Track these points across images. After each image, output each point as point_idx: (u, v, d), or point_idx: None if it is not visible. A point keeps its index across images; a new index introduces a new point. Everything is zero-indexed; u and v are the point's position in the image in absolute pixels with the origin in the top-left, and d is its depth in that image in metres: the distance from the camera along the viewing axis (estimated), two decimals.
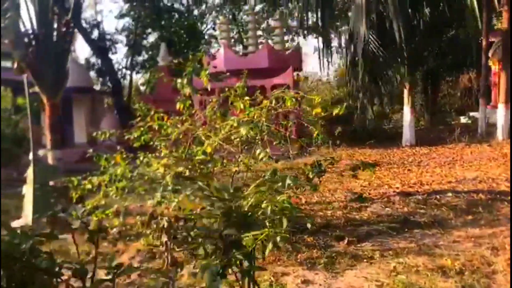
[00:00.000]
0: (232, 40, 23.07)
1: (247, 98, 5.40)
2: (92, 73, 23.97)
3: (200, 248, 2.92)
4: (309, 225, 5.67)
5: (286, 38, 24.43)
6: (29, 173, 8.06)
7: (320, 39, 28.53)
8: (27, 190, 7.93)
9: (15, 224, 7.50)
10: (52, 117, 8.49)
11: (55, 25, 8.86)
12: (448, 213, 6.95)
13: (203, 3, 26.80)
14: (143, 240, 5.68)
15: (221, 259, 2.78)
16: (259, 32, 20.96)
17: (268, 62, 17.43)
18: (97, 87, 25.01)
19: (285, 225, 2.95)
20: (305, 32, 36.54)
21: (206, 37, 25.58)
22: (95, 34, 22.95)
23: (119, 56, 24.30)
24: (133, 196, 6.49)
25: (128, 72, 24.53)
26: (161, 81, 20.40)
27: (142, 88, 29.83)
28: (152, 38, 25.14)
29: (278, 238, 2.76)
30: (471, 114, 23.75)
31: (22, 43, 8.13)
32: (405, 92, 15.92)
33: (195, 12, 25.82)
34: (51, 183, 8.10)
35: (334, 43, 42.50)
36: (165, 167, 6.01)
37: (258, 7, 28.01)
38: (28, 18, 8.60)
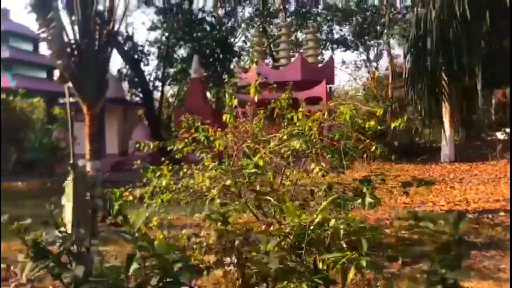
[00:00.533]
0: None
1: (300, 109, 5.16)
2: (124, 84, 24.22)
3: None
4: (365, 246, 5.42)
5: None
6: (69, 183, 7.98)
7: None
8: (67, 201, 7.84)
9: None
10: (92, 127, 8.44)
11: (97, 35, 8.83)
12: (504, 233, 6.58)
13: (234, 16, 26.90)
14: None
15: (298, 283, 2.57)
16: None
17: (301, 75, 17.24)
18: (129, 98, 25.24)
19: (365, 248, 2.72)
20: (333, 45, 36.39)
21: (236, 49, 25.61)
22: (128, 45, 23.18)
23: (150, 67, 24.49)
24: (177, 208, 6.35)
25: (159, 83, 24.68)
26: (192, 93, 20.47)
27: (171, 100, 30.03)
28: (183, 50, 25.32)
29: (363, 262, 2.54)
30: (507, 130, 23.08)
31: (65, 53, 8.14)
32: (444, 106, 15.50)
33: (226, 25, 25.90)
34: (87, 193, 8.02)
35: (363, 56, 42.15)
36: (211, 180, 5.85)
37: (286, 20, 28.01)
38: (70, 28, 8.59)
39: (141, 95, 23.32)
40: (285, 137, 5.40)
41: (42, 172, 14.58)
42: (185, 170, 6.41)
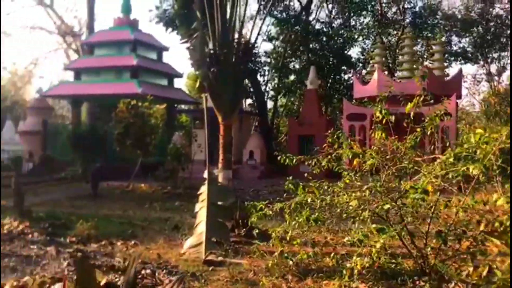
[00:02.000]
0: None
1: (479, 130, 4.59)
2: None
3: None
4: None
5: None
6: (203, 191, 8.05)
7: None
8: (201, 209, 7.90)
9: (188, 242, 7.50)
10: (226, 137, 8.49)
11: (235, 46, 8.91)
12: None
13: (352, 27, 26.35)
14: (337, 280, 5.15)
15: None
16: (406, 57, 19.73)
17: (426, 88, 16.19)
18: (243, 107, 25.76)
19: None
20: (451, 57, 34.33)
21: (353, 60, 25.04)
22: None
23: (265, 78, 24.73)
24: (322, 227, 6.10)
25: (273, 93, 24.87)
26: (307, 104, 20.31)
27: (281, 110, 30.12)
28: (298, 61, 25.29)
29: None
30: None
31: (205, 63, 8.27)
32: None
33: (343, 35, 25.48)
34: (219, 202, 8.03)
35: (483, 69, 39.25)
36: (360, 201, 5.49)
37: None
38: (211, 38, 8.75)
39: (256, 105, 23.65)
40: (451, 159, 4.89)
41: (166, 177, 15.18)
42: (325, 187, 6.14)
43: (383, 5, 26.92)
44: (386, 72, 26.18)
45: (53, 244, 7.54)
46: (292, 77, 25.79)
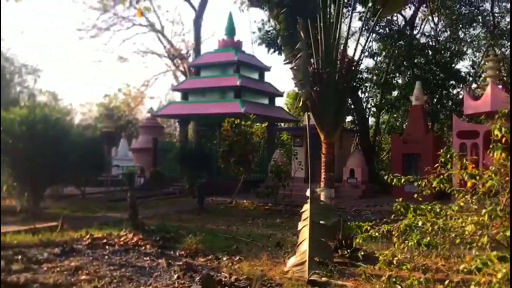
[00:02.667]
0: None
1: None
2: None
3: None
4: None
5: None
6: (306, 210, 8.04)
7: None
8: (303, 227, 7.89)
9: (292, 261, 7.51)
10: (328, 155, 8.41)
11: (338, 64, 8.85)
12: None
13: (460, 40, 24.97)
14: None
15: None
16: None
17: None
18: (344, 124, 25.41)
19: None
20: None
21: (462, 74, 23.63)
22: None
23: (367, 94, 24.00)
24: (433, 252, 5.77)
25: (375, 110, 24.24)
26: (413, 121, 19.46)
27: (383, 127, 29.24)
28: (403, 76, 24.46)
29: None
30: None
31: (309, 82, 8.29)
32: None
33: (451, 48, 24.19)
34: (322, 222, 7.94)
35: None
36: (477, 225, 5.11)
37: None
38: (314, 57, 8.77)
39: (357, 121, 23.21)
40: None
41: (268, 193, 15.42)
42: (438, 209, 5.81)
43: (496, 15, 25.21)
44: (500, 86, 24.37)
45: (164, 256, 7.97)
46: (395, 93, 24.95)
